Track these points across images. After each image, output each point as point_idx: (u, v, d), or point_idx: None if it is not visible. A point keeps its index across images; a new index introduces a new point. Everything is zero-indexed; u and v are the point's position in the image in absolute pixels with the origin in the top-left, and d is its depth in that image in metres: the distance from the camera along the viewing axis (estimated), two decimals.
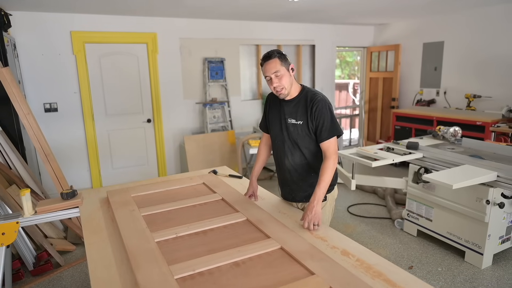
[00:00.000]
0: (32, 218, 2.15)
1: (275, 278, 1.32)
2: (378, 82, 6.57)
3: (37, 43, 4.23)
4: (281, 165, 2.03)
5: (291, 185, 2.03)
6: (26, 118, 3.13)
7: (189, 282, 1.30)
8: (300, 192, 2.02)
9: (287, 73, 1.84)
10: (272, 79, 1.84)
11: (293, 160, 1.97)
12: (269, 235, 1.62)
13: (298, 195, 2.03)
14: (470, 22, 5.03)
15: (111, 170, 4.90)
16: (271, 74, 1.83)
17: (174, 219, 1.85)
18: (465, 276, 2.72)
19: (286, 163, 1.99)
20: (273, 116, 2.02)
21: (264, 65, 1.85)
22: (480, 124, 4.43)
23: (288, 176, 2.02)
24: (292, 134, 1.93)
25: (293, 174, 1.99)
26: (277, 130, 2.00)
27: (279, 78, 1.83)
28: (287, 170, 2.00)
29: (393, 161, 3.05)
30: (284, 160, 1.99)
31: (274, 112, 2.02)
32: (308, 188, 1.97)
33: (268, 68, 1.83)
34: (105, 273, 1.42)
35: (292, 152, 1.96)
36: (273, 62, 1.81)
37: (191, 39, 5.08)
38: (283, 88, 1.85)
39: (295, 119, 1.91)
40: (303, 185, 2.00)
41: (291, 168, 1.99)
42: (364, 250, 1.54)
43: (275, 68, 1.81)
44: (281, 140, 1.98)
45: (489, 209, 2.66)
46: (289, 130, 1.94)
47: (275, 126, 2.01)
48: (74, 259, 3.17)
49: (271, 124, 2.05)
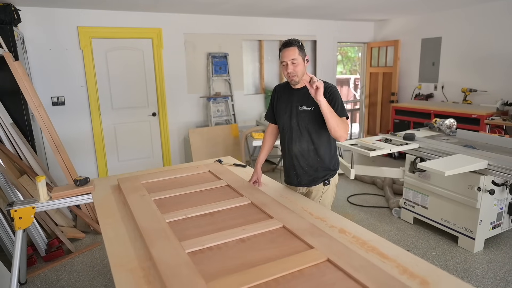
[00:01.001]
0: (47, 203, 2.28)
1: (278, 251, 1.44)
2: (378, 77, 6.67)
3: (45, 38, 4.34)
4: (289, 151, 2.14)
5: (297, 170, 2.14)
6: (37, 110, 3.25)
7: (199, 256, 1.43)
8: (305, 177, 2.14)
9: (302, 63, 1.97)
10: (288, 65, 1.95)
11: (301, 146, 2.09)
12: (272, 215, 1.74)
13: (304, 180, 2.15)
14: (467, 18, 5.13)
15: (117, 163, 5.03)
16: (288, 60, 1.95)
17: (183, 203, 1.97)
18: (457, 260, 2.85)
19: (293, 149, 2.11)
20: (282, 105, 2.14)
21: (283, 51, 1.97)
22: (476, 117, 4.55)
23: (295, 161, 2.13)
24: (304, 120, 2.05)
25: (300, 159, 2.11)
26: (286, 118, 2.11)
27: (294, 66, 1.95)
28: (294, 156, 2.12)
29: (390, 151, 3.18)
30: (292, 146, 2.11)
31: (283, 101, 2.14)
32: (313, 173, 2.12)
33: (287, 55, 1.94)
34: (121, 248, 1.54)
35: (300, 138, 2.08)
36: (292, 50, 1.94)
37: (195, 34, 5.19)
38: (296, 75, 1.97)
39: (307, 105, 2.03)
40: (309, 170, 2.12)
41: (298, 154, 2.11)
42: (360, 229, 1.66)
43: (293, 56, 1.93)
44: (289, 127, 2.10)
45: (480, 196, 2.79)
46: (299, 116, 2.05)
47: (283, 114, 2.12)
48: (84, 246, 3.31)
49: (279, 113, 2.16)
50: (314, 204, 2.01)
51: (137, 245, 1.56)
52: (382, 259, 1.40)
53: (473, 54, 5.12)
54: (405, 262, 1.38)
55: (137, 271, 1.36)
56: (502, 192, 2.93)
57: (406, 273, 1.31)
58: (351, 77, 9.61)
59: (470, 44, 5.14)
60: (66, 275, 2.85)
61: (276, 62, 6.07)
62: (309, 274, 1.28)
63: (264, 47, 5.84)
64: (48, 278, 2.82)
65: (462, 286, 1.22)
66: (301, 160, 2.11)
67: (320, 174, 2.13)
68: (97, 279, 2.78)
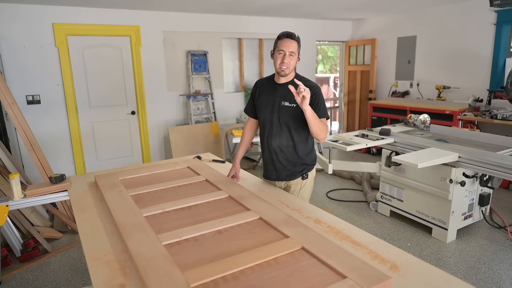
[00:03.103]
0: (22, 201, 2.24)
1: (254, 241, 1.47)
2: (356, 75, 6.80)
3: (19, 35, 4.23)
4: (268, 145, 2.16)
5: (276, 164, 2.17)
6: (11, 108, 3.18)
7: (176, 247, 1.44)
8: (284, 171, 2.17)
9: (296, 58, 2.00)
10: (285, 56, 1.96)
11: (280, 141, 2.11)
12: (249, 208, 1.76)
13: (282, 174, 2.18)
14: (440, 17, 5.30)
15: (95, 162, 4.95)
16: (287, 51, 1.96)
17: (161, 198, 1.97)
18: (431, 250, 2.96)
19: (273, 143, 2.13)
20: (264, 100, 2.15)
21: (284, 40, 1.97)
22: (449, 113, 4.71)
23: (274, 156, 2.15)
24: (285, 115, 2.06)
25: (279, 154, 2.14)
26: (267, 113, 2.12)
27: (290, 58, 1.97)
28: (273, 150, 2.14)
29: (366, 146, 3.26)
30: (271, 141, 2.13)
31: (265, 95, 2.15)
32: (292, 168, 2.15)
33: (287, 45, 1.96)
34: (97, 242, 1.53)
35: (280, 133, 2.10)
36: (293, 43, 1.97)
37: (174, 32, 5.16)
38: (288, 68, 1.99)
39: (289, 101, 2.04)
40: (287, 164, 2.15)
41: (277, 149, 2.13)
42: (334, 219, 1.71)
43: (293, 49, 1.96)
44: (270, 122, 2.11)
45: (452, 188, 2.90)
46: (281, 111, 2.07)
47: (265, 109, 2.13)
48: (62, 245, 3.25)
49: (260, 107, 2.16)
50: (291, 197, 2.05)
51: (113, 239, 1.56)
52: (355, 246, 1.45)
53: (446, 52, 5.30)
54: (377, 249, 1.43)
55: (113, 263, 1.36)
56: (472, 184, 3.06)
57: (377, 258, 1.36)
58: (331, 75, 9.74)
59: (443, 43, 5.31)
60: (43, 275, 2.79)
61: (256, 60, 6.10)
62: (283, 261, 1.31)
63: (244, 45, 5.86)
64: (24, 278, 2.76)
65: (429, 269, 1.28)
66: (280, 155, 2.13)
67: (298, 168, 2.17)
68: (75, 278, 2.74)
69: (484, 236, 3.16)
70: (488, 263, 2.77)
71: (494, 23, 4.68)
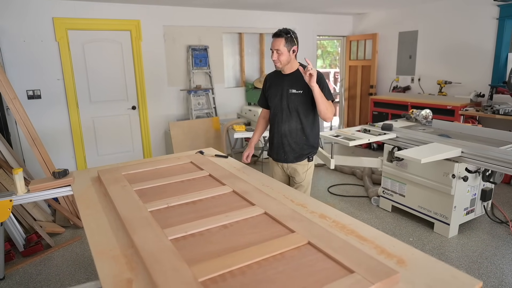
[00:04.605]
0: (25, 196, 2.23)
1: (260, 236, 1.47)
2: (357, 70, 6.78)
3: (19, 29, 4.20)
4: (279, 130, 2.39)
5: (285, 147, 2.40)
6: (13, 102, 3.16)
7: (182, 242, 1.43)
8: (292, 154, 2.40)
9: (286, 53, 2.22)
10: (274, 53, 2.24)
11: (289, 125, 2.34)
12: (254, 202, 1.76)
13: (290, 156, 2.42)
14: (441, 12, 5.28)
15: (96, 157, 4.94)
16: (274, 49, 2.23)
17: (165, 193, 1.96)
18: (433, 245, 2.97)
19: (283, 128, 2.36)
20: (274, 90, 2.38)
21: (272, 40, 2.25)
22: (451, 108, 4.70)
23: (284, 139, 2.39)
24: (294, 101, 2.30)
25: (289, 137, 2.37)
26: (277, 101, 2.35)
27: (278, 55, 2.23)
28: (284, 134, 2.37)
29: (368, 141, 3.25)
30: (282, 126, 2.36)
31: (274, 86, 2.38)
32: (299, 150, 2.39)
33: (273, 44, 2.24)
34: (103, 237, 1.53)
35: (289, 119, 2.33)
36: (278, 41, 2.21)
37: (174, 27, 5.13)
38: (279, 62, 2.25)
39: (296, 88, 2.27)
40: (296, 147, 2.39)
41: (287, 133, 2.36)
42: (339, 214, 1.71)
43: (278, 47, 2.21)
44: (280, 108, 2.35)
45: (454, 183, 2.91)
46: (289, 98, 2.31)
47: (275, 98, 2.37)
48: (64, 240, 3.25)
49: (271, 97, 2.40)
50: (294, 191, 2.05)
51: (119, 234, 1.55)
52: (361, 241, 1.45)
53: (448, 47, 5.28)
54: (383, 243, 1.43)
55: (120, 258, 1.36)
56: (475, 179, 3.06)
57: (384, 253, 1.36)
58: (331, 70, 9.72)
59: (445, 37, 5.29)
60: (46, 269, 2.80)
61: (257, 55, 6.08)
62: (290, 256, 1.31)
63: (244, 40, 5.83)
64: (27, 273, 2.76)
65: (436, 263, 1.28)
66: (289, 138, 2.37)
67: (305, 151, 2.40)
68: (78, 273, 2.74)
69: (486, 231, 3.18)
70: (490, 258, 2.78)
71: (497, 17, 4.66)
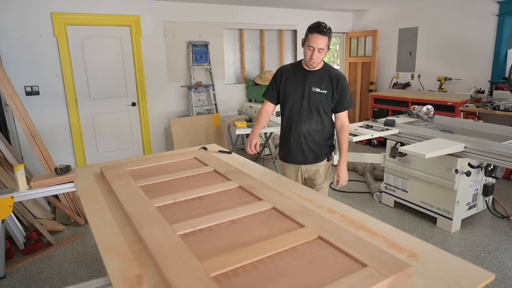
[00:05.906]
0: (27, 192, 2.20)
1: (269, 231, 1.45)
2: (357, 67, 6.77)
3: (16, 24, 4.15)
4: (297, 130, 2.23)
5: (304, 148, 2.25)
6: (12, 98, 3.12)
7: (191, 237, 1.42)
8: (310, 154, 2.27)
9: (325, 53, 2.04)
10: (314, 52, 2.01)
11: (310, 125, 2.20)
12: (261, 197, 1.75)
13: (310, 157, 2.28)
14: (441, 9, 5.27)
15: (96, 154, 4.91)
16: (317, 48, 2.00)
17: (170, 188, 1.94)
18: (436, 239, 2.97)
19: (302, 128, 2.21)
20: (293, 86, 2.19)
21: (313, 36, 2.00)
22: (451, 104, 4.71)
23: (302, 140, 2.23)
24: (316, 101, 2.16)
25: (308, 138, 2.23)
26: (297, 99, 2.18)
27: (320, 54, 2.02)
28: (303, 135, 2.22)
29: (372, 136, 3.25)
30: (301, 125, 2.20)
31: (294, 82, 2.19)
32: (318, 150, 2.27)
33: (317, 42, 1.99)
34: (109, 234, 1.50)
35: (310, 118, 2.19)
36: (324, 39, 2.00)
37: (175, 23, 5.09)
38: (316, 62, 2.06)
39: (320, 88, 2.13)
40: (315, 147, 2.26)
41: (307, 133, 2.21)
42: (348, 208, 1.70)
43: (323, 45, 2.00)
44: (299, 107, 2.18)
45: (457, 178, 2.91)
46: (312, 97, 2.15)
47: (294, 95, 2.19)
48: (65, 238, 3.22)
49: (288, 94, 2.21)
50: (301, 186, 2.03)
51: (125, 230, 1.53)
52: (371, 235, 1.44)
53: (448, 44, 5.28)
54: (393, 237, 1.42)
55: (128, 254, 1.34)
56: (477, 174, 3.06)
57: (395, 247, 1.36)
58: None
59: (445, 34, 5.29)
60: (48, 267, 2.77)
61: (257, 52, 6.05)
62: (301, 251, 1.29)
63: (245, 36, 5.80)
64: (28, 271, 2.73)
65: (448, 257, 1.28)
66: (308, 138, 2.23)
67: (324, 151, 2.30)
68: (81, 270, 2.72)
69: (488, 226, 3.19)
70: (493, 252, 2.79)
71: (496, 14, 4.66)
